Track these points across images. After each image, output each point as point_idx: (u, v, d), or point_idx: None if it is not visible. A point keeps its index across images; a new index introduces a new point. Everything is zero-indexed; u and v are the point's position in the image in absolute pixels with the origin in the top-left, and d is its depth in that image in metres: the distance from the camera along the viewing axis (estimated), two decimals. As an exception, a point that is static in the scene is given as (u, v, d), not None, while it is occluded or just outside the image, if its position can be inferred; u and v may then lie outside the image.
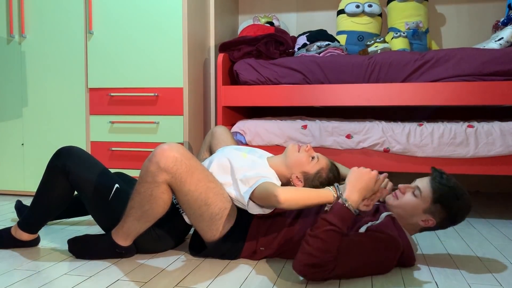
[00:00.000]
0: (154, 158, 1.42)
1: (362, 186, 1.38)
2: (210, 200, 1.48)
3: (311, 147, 1.70)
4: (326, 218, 1.32)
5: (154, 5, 2.45)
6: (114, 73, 2.52)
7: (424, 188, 1.47)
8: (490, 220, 2.21)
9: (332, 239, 1.29)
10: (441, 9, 2.94)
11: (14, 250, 1.66)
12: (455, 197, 1.44)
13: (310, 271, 1.29)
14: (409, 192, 1.51)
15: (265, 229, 1.53)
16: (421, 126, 2.16)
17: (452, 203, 1.44)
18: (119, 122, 2.52)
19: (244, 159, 1.62)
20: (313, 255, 1.28)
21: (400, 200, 1.51)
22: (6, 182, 2.74)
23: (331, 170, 1.69)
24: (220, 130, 2.01)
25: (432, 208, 1.46)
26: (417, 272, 1.46)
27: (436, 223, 1.48)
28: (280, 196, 1.34)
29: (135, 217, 1.47)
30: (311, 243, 1.29)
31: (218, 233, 1.52)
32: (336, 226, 1.30)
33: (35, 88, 2.65)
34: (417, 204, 1.47)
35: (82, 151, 1.64)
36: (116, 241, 1.53)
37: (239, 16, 3.27)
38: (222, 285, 1.33)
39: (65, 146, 1.63)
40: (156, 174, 1.41)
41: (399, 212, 1.51)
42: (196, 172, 1.46)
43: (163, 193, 1.44)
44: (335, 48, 2.47)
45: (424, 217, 1.48)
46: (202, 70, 2.68)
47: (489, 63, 2.10)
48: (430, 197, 1.45)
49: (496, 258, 1.61)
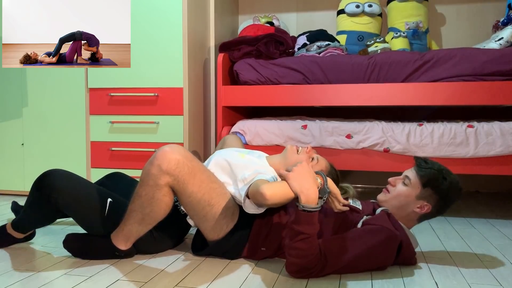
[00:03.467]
0: (156, 160, 1.40)
1: (300, 180, 1.34)
2: (213, 200, 1.47)
3: (312, 148, 1.70)
4: (293, 228, 1.34)
5: (154, 5, 2.45)
6: (114, 73, 2.52)
7: (412, 176, 1.52)
8: (490, 220, 2.21)
9: (307, 244, 1.33)
10: (441, 9, 2.93)
11: (14, 250, 1.67)
12: (442, 178, 1.49)
13: (300, 275, 1.37)
14: (399, 183, 1.55)
15: (268, 229, 1.53)
16: (421, 126, 2.16)
17: (441, 184, 1.49)
18: (119, 122, 2.52)
19: (242, 159, 1.62)
20: (295, 263, 1.35)
21: (392, 192, 1.56)
22: (6, 182, 2.74)
23: (330, 172, 1.70)
24: (231, 138, 2.00)
25: (423, 192, 1.50)
26: (417, 271, 1.46)
27: (432, 207, 1.51)
28: (266, 193, 1.32)
29: (136, 220, 1.46)
30: (291, 253, 1.36)
31: (222, 232, 1.52)
32: (305, 233, 1.32)
33: (35, 88, 2.65)
34: (409, 192, 1.51)
35: (64, 174, 1.53)
36: (115, 245, 1.52)
37: (239, 16, 3.27)
38: (222, 285, 1.33)
39: (45, 173, 1.53)
40: (158, 177, 1.40)
41: (394, 204, 1.54)
42: (198, 173, 1.45)
43: (165, 196, 1.43)
44: (335, 48, 2.47)
45: (418, 203, 1.51)
46: (202, 70, 2.68)
47: (489, 63, 2.10)
48: (419, 182, 1.50)
49: (496, 258, 1.61)
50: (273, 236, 1.53)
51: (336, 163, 2.22)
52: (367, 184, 3.16)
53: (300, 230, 1.32)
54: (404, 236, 1.46)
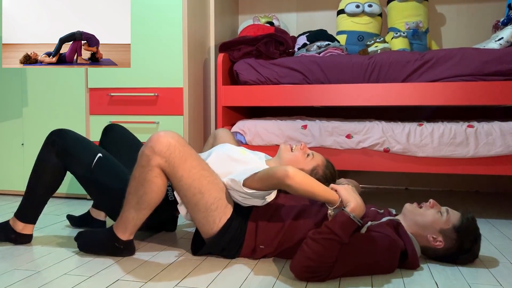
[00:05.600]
0: (149, 142, 1.47)
1: (352, 193, 1.39)
2: (204, 188, 1.49)
3: (305, 145, 1.71)
4: (329, 226, 1.33)
5: (154, 5, 2.45)
6: (114, 73, 2.52)
7: (453, 214, 1.50)
8: (490, 220, 2.21)
9: (332, 247, 1.31)
10: (441, 9, 2.94)
11: (15, 250, 1.67)
12: (474, 239, 1.49)
13: (305, 275, 1.34)
14: (435, 210, 1.53)
15: (264, 225, 1.53)
16: (421, 126, 2.16)
17: (468, 240, 1.48)
18: (119, 122, 2.52)
19: (243, 155, 1.63)
20: (310, 259, 1.31)
21: (424, 210, 1.53)
22: (6, 182, 2.74)
23: (327, 167, 1.70)
24: (222, 132, 2.02)
25: (448, 232, 1.48)
26: (417, 272, 1.46)
27: (442, 248, 1.50)
28: (290, 171, 1.35)
29: (132, 205, 1.50)
30: (311, 246, 1.32)
31: (215, 226, 1.52)
32: (338, 235, 1.31)
33: (35, 88, 2.65)
34: (439, 221, 1.49)
35: (73, 132, 1.71)
36: (116, 233, 1.56)
37: (239, 16, 3.27)
38: (222, 285, 1.33)
39: (57, 129, 1.70)
40: (150, 158, 1.45)
41: (417, 219, 1.52)
42: (189, 159, 1.48)
43: (156, 177, 1.46)
44: (335, 48, 2.47)
45: (436, 234, 1.50)
46: (202, 70, 2.68)
47: (489, 63, 2.10)
48: (454, 223, 1.48)
49: (496, 258, 1.61)
50: (272, 233, 1.53)
51: (336, 163, 2.23)
52: (367, 184, 3.17)
53: (334, 230, 1.31)
54: (410, 245, 1.46)
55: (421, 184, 3.08)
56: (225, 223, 1.52)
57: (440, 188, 3.05)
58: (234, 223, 1.53)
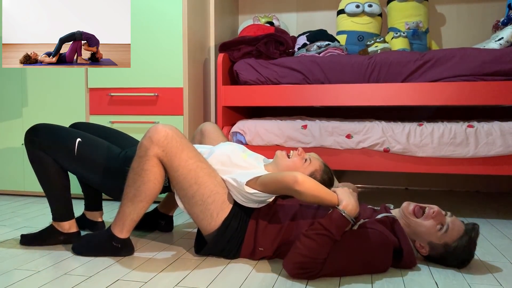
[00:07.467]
0: (147, 133, 1.49)
1: (348, 194, 1.42)
2: (200, 179, 1.50)
3: (303, 150, 1.70)
4: (322, 223, 1.36)
5: (154, 5, 2.45)
6: (114, 73, 2.52)
7: (452, 232, 1.45)
8: (490, 220, 2.21)
9: (324, 243, 1.33)
10: (441, 9, 2.94)
11: (15, 250, 1.67)
12: (461, 261, 1.47)
13: (297, 271, 1.35)
14: (435, 222, 1.47)
15: (263, 227, 1.53)
16: (421, 126, 2.16)
17: (453, 259, 1.47)
18: (119, 122, 2.52)
19: (244, 161, 1.63)
20: (303, 255, 1.33)
21: (421, 221, 1.48)
22: (6, 182, 2.74)
23: (325, 171, 1.69)
24: (209, 127, 1.97)
25: (437, 246, 1.47)
26: (417, 272, 1.46)
27: (427, 253, 1.50)
28: (299, 177, 1.37)
29: (129, 198, 1.51)
30: (304, 242, 1.34)
31: (213, 221, 1.52)
32: (331, 232, 1.34)
33: (35, 88, 2.65)
34: (432, 234, 1.47)
35: (45, 125, 1.68)
36: (113, 232, 1.56)
37: (239, 16, 3.27)
38: (222, 285, 1.33)
39: (29, 128, 1.67)
40: (147, 147, 1.47)
41: (411, 224, 1.50)
42: (187, 149, 1.50)
43: (154, 167, 1.48)
44: (335, 48, 2.47)
45: (424, 243, 1.50)
46: (202, 70, 2.68)
47: (489, 63, 2.10)
48: (447, 241, 1.45)
49: (496, 258, 1.61)
50: (270, 237, 1.53)
51: (336, 163, 2.23)
52: (367, 184, 3.17)
53: (327, 227, 1.34)
54: (405, 243, 1.46)
55: (421, 184, 3.08)
56: (224, 221, 1.52)
57: (440, 188, 3.05)
58: (234, 222, 1.53)
